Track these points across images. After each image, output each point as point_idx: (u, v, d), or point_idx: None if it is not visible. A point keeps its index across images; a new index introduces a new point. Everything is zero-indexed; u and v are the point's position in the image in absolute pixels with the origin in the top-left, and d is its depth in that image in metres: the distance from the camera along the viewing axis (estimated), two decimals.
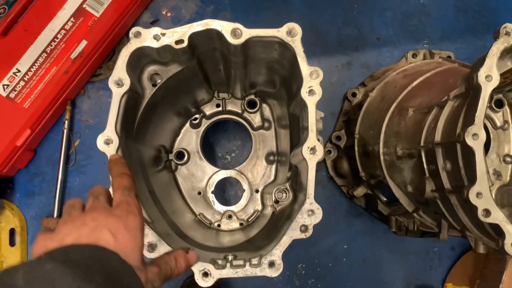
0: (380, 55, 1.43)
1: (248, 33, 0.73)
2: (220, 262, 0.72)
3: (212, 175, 1.11)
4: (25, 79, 1.21)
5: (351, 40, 1.44)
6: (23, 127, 1.21)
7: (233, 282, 1.33)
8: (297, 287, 1.35)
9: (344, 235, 1.36)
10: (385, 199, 1.26)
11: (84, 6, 1.23)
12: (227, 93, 1.09)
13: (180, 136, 1.11)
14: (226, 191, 1.20)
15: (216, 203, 1.10)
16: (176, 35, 0.73)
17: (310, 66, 0.74)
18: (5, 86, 1.21)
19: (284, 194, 0.84)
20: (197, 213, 1.08)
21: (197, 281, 0.69)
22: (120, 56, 0.73)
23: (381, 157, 1.12)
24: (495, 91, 1.09)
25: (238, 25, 0.73)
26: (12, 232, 1.26)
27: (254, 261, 0.70)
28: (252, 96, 1.09)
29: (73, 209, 0.59)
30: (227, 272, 0.70)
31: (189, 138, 1.11)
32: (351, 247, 1.36)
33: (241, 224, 1.09)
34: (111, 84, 0.72)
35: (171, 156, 1.07)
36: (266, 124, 1.12)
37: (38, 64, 1.24)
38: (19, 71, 1.21)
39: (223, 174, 1.11)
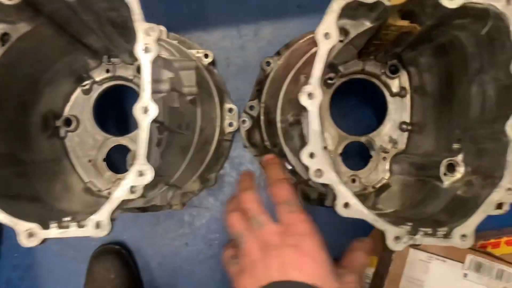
0: (300, 24, 1.40)
1: None
2: (51, 223, 0.71)
3: (104, 142, 1.09)
4: None
5: (272, 8, 1.40)
6: None
7: (145, 246, 1.34)
8: (209, 257, 1.34)
9: None
10: (290, 167, 1.25)
11: None
12: (118, 58, 1.07)
13: (70, 102, 1.09)
14: (118, 159, 1.19)
15: (107, 171, 1.09)
16: None
17: (147, 22, 0.71)
18: None
19: None
20: (87, 181, 1.08)
21: (20, 241, 0.68)
22: None
23: (278, 125, 1.10)
24: (388, 54, 1.06)
25: None
26: None
27: (83, 222, 0.70)
28: None
29: (247, 239, 0.60)
30: (54, 233, 0.69)
31: (81, 105, 1.09)
32: None
33: None
34: None
35: (58, 123, 1.06)
36: None
37: None
38: None
39: (114, 141, 1.10)
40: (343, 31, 0.78)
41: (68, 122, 1.07)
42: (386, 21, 0.78)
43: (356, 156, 1.15)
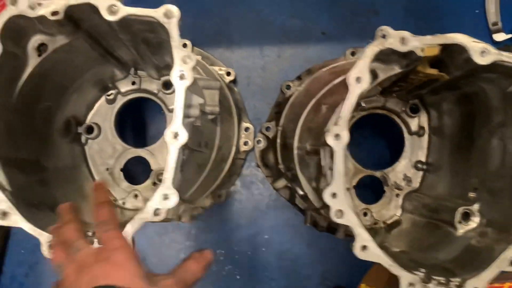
0: (323, 50, 1.41)
1: (124, 11, 0.72)
2: None
3: (123, 152, 1.11)
4: None
5: (296, 32, 1.42)
6: None
7: (151, 255, 1.34)
8: (213, 273, 1.35)
9: (266, 225, 1.37)
10: (301, 193, 1.26)
11: None
12: (144, 71, 1.09)
13: (94, 110, 1.11)
14: (136, 170, 1.20)
15: (123, 181, 1.10)
16: (53, 7, 0.73)
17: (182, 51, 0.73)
18: None
19: None
20: None
21: (43, 251, 0.70)
22: None
23: (295, 151, 1.11)
24: (411, 94, 1.08)
25: (114, 1, 0.72)
26: None
27: None
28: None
29: (64, 267, 0.65)
30: None
31: (104, 113, 1.11)
32: (271, 238, 1.36)
33: None
34: None
35: (80, 129, 1.07)
36: None
37: None
38: None
39: (133, 152, 1.11)
40: (373, 73, 0.80)
41: (89, 129, 1.08)
42: (416, 67, 0.80)
43: (369, 190, 1.16)
